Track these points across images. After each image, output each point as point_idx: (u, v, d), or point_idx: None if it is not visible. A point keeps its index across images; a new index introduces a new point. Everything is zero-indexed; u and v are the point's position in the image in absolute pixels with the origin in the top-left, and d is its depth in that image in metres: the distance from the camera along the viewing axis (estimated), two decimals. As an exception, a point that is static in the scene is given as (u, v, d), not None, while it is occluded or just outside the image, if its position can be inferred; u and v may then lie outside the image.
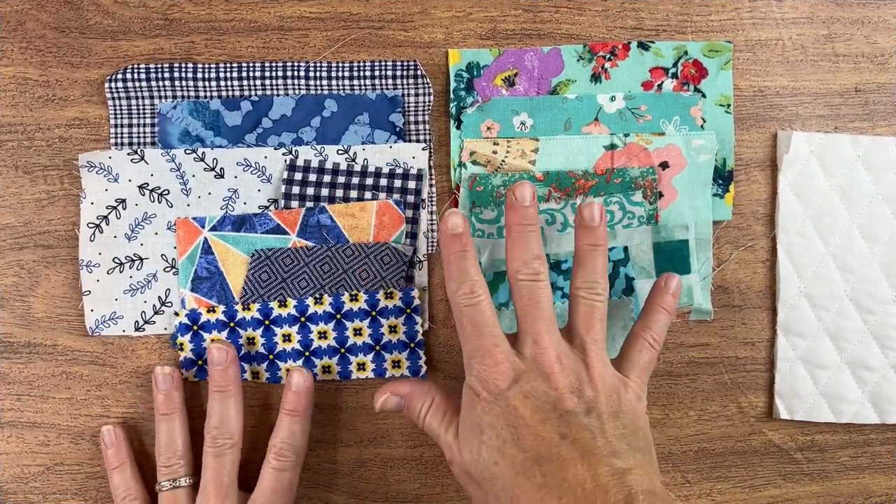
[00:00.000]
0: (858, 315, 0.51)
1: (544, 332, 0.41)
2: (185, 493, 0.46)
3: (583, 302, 0.43)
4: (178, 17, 0.50)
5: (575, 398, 0.40)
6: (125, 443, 0.49)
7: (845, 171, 0.50)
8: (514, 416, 0.39)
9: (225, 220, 0.49)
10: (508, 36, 0.50)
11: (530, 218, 0.43)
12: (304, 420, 0.47)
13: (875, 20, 0.51)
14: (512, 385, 0.40)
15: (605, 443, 0.38)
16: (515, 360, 0.41)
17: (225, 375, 0.47)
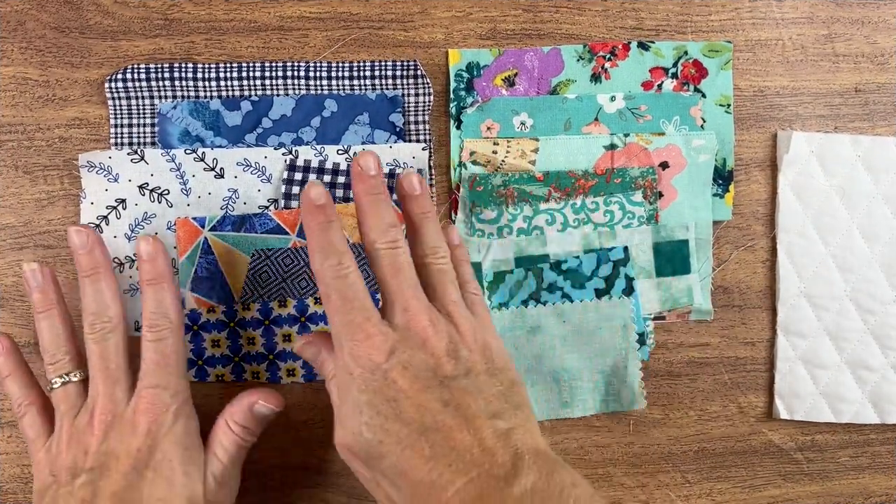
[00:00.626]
0: (858, 315, 0.51)
1: (412, 297, 0.40)
2: (77, 388, 0.44)
3: (431, 268, 0.42)
4: (178, 17, 0.50)
5: (453, 361, 0.39)
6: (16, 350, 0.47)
7: (845, 171, 0.50)
8: (393, 390, 0.38)
9: (225, 220, 0.49)
10: (508, 36, 0.50)
11: (378, 187, 0.42)
12: (167, 286, 0.45)
13: (875, 20, 0.51)
14: (388, 357, 0.38)
15: (486, 404, 0.38)
16: (388, 330, 0.39)
17: (91, 258, 0.45)
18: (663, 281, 0.50)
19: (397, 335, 0.39)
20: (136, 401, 0.43)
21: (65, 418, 0.43)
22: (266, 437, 0.50)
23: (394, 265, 0.41)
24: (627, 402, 0.50)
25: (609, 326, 0.50)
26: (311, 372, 0.50)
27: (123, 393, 0.43)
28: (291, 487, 0.51)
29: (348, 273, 0.40)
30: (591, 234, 0.50)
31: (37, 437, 0.44)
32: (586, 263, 0.50)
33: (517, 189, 0.50)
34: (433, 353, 0.39)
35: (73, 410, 0.44)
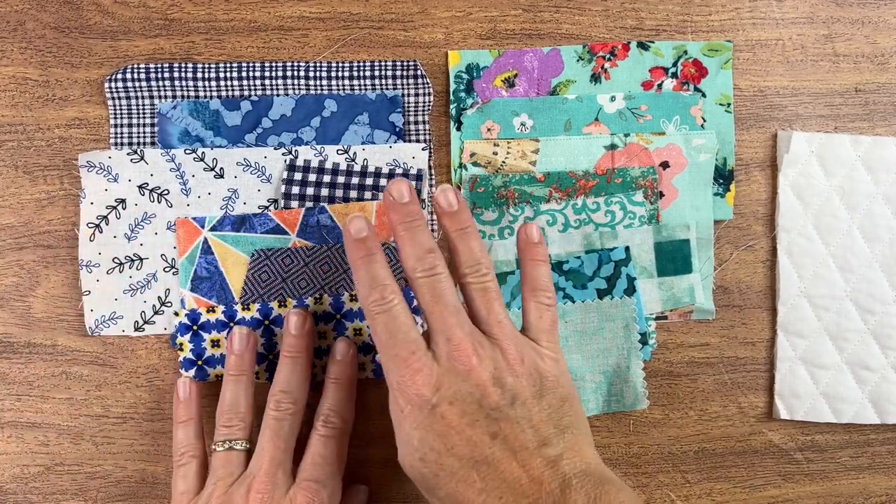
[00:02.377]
0: (858, 315, 0.51)
1: (455, 325, 0.40)
2: (239, 457, 0.45)
3: (474, 287, 0.42)
4: (178, 17, 0.50)
5: (499, 390, 0.39)
6: (197, 399, 0.47)
7: (845, 171, 0.51)
8: (442, 425, 0.38)
9: (225, 220, 0.49)
10: (508, 36, 0.50)
11: (413, 214, 0.42)
12: (349, 388, 0.47)
13: (875, 20, 0.51)
14: (435, 392, 0.39)
15: (533, 433, 0.38)
16: (433, 364, 0.40)
17: (299, 341, 0.46)
18: (665, 281, 0.50)
19: (442, 368, 0.39)
20: (296, 491, 0.43)
21: (219, 483, 0.44)
22: (266, 437, 0.50)
23: (434, 293, 0.41)
24: (630, 402, 0.50)
25: (611, 326, 0.50)
26: (311, 372, 0.50)
27: (285, 477, 0.44)
28: (292, 488, 0.51)
29: (392, 307, 0.41)
30: (593, 234, 0.50)
31: (186, 491, 0.45)
32: (588, 264, 0.50)
33: (518, 190, 0.50)
34: (478, 383, 0.39)
35: (230, 478, 0.44)
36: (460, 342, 0.40)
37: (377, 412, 0.51)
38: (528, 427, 0.39)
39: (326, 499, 0.44)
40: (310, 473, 0.44)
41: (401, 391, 0.39)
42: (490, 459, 0.38)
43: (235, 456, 0.45)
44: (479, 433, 0.38)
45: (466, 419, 0.38)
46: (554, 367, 0.41)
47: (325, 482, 0.44)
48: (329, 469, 0.45)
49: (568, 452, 0.38)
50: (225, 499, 0.43)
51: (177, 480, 0.45)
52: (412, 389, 0.39)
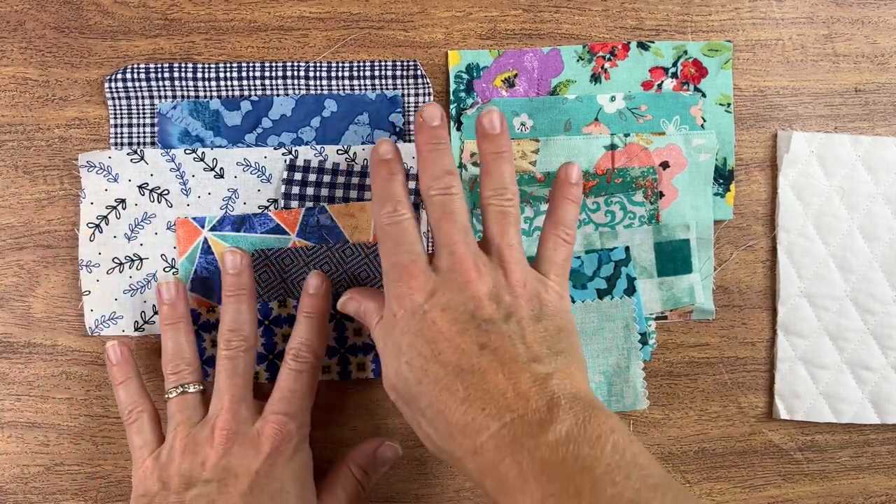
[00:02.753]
0: (858, 315, 0.51)
1: (460, 241, 0.40)
2: (195, 399, 0.45)
3: (493, 209, 0.42)
4: (177, 17, 0.50)
5: (493, 304, 0.39)
6: (131, 359, 0.47)
7: (845, 171, 0.51)
8: (432, 331, 0.38)
9: (225, 220, 0.49)
10: (508, 36, 0.50)
11: (440, 137, 0.42)
12: (321, 322, 0.46)
13: (875, 20, 0.51)
14: (428, 298, 0.39)
15: (525, 349, 0.38)
16: (431, 273, 0.40)
17: (238, 279, 0.46)
18: (665, 280, 0.50)
19: (440, 278, 0.39)
20: (263, 424, 0.43)
21: (180, 427, 0.44)
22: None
23: (445, 210, 0.41)
24: (630, 402, 0.50)
25: (611, 326, 0.50)
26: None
27: (248, 413, 0.44)
28: (292, 488, 0.51)
29: (402, 219, 0.41)
30: (593, 234, 0.50)
31: (144, 445, 0.44)
32: (588, 264, 0.50)
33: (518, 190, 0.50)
34: (474, 295, 0.39)
35: (190, 421, 0.44)
36: (462, 256, 0.40)
37: (378, 412, 0.51)
38: (519, 342, 0.38)
39: (294, 430, 0.44)
40: (278, 407, 0.44)
41: (396, 296, 0.40)
42: (476, 368, 0.37)
43: (191, 398, 0.44)
44: (467, 341, 0.38)
45: (457, 327, 0.38)
46: (556, 299, 0.41)
47: (293, 415, 0.44)
48: (298, 403, 0.44)
49: (559, 374, 0.37)
50: (188, 440, 0.43)
51: (132, 437, 0.45)
52: (406, 295, 0.39)
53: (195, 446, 0.43)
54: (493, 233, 0.41)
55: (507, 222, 0.41)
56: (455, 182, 0.41)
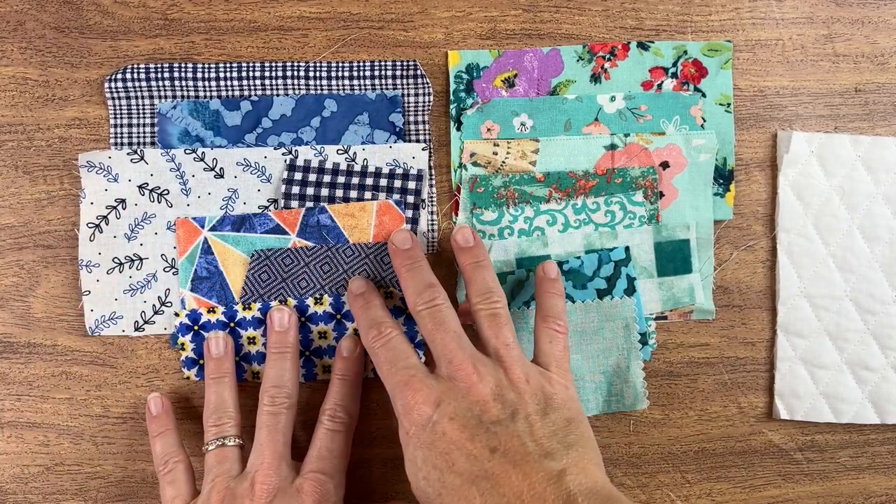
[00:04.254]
0: (858, 315, 0.51)
1: (456, 348, 0.41)
2: (234, 453, 0.45)
3: (483, 313, 0.43)
4: (177, 17, 0.50)
5: (498, 405, 0.39)
6: (171, 412, 0.48)
7: (845, 171, 0.51)
8: (443, 442, 0.39)
9: (225, 220, 0.49)
10: (508, 36, 0.50)
11: (414, 257, 0.45)
12: (355, 385, 0.47)
13: (875, 20, 0.51)
14: (435, 409, 0.39)
15: (535, 446, 0.38)
16: (433, 383, 0.40)
17: (284, 337, 0.47)
18: (665, 280, 0.50)
19: (443, 387, 0.40)
20: (302, 481, 0.44)
21: (218, 479, 0.43)
22: (266, 437, 0.50)
23: (435, 321, 0.42)
24: (630, 402, 0.50)
25: (611, 326, 0.50)
26: (310, 372, 0.50)
27: (288, 469, 0.44)
28: (292, 488, 0.51)
29: (390, 338, 0.43)
30: (593, 234, 0.50)
31: (177, 496, 0.44)
32: (588, 264, 0.50)
33: (518, 190, 0.50)
34: (478, 399, 0.39)
35: (228, 474, 0.44)
36: (461, 362, 0.40)
37: (378, 412, 0.51)
38: (529, 440, 0.38)
39: (332, 490, 0.44)
40: (316, 465, 0.44)
41: (405, 414, 0.40)
42: (490, 474, 0.37)
43: (230, 451, 0.45)
44: (478, 447, 0.38)
45: (466, 433, 0.38)
46: (562, 391, 0.41)
47: (331, 474, 0.44)
48: (335, 462, 0.45)
49: (573, 468, 0.37)
50: (226, 493, 0.43)
51: (165, 488, 0.45)
52: (414, 410, 0.40)
53: (233, 500, 0.42)
54: (487, 335, 0.43)
55: (500, 323, 0.43)
56: (439, 293, 0.43)
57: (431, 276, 0.44)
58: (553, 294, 0.46)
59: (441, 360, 0.41)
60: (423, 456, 0.39)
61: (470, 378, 0.40)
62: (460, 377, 0.40)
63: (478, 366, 0.40)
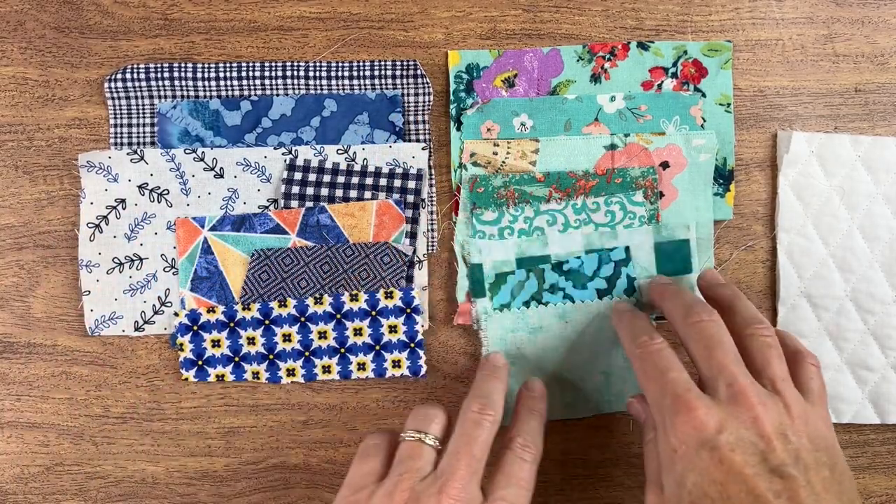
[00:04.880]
0: (858, 315, 0.51)
1: (738, 372, 0.38)
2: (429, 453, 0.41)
3: (757, 340, 0.41)
4: (177, 17, 0.50)
5: (783, 445, 0.37)
6: None
7: (845, 171, 0.50)
8: (720, 472, 0.36)
9: (225, 220, 0.49)
10: (508, 36, 0.50)
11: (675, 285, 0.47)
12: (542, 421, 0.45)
13: (875, 20, 0.51)
14: (716, 435, 0.37)
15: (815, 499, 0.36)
16: (711, 404, 0.38)
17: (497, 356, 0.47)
18: (664, 281, 0.50)
19: (723, 411, 0.38)
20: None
21: (406, 475, 0.40)
22: (266, 436, 0.50)
23: (711, 338, 0.40)
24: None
25: (611, 326, 0.50)
26: (310, 372, 0.50)
27: (477, 490, 0.40)
28: (291, 487, 0.51)
29: (661, 347, 0.41)
30: (593, 234, 0.50)
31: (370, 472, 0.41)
32: (588, 264, 0.50)
33: (518, 190, 0.50)
34: (762, 434, 0.37)
35: (418, 474, 0.40)
36: (744, 388, 0.38)
37: (379, 412, 0.51)
38: (811, 493, 0.36)
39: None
40: (506, 492, 0.40)
41: (674, 430, 0.38)
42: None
43: (427, 451, 0.41)
44: (762, 487, 0.36)
45: (748, 470, 0.36)
46: (830, 434, 0.39)
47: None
48: (523, 494, 0.41)
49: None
50: (411, 495, 0.39)
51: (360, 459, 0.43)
52: (689, 429, 0.37)
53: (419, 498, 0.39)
54: (761, 363, 0.40)
55: (773, 354, 0.40)
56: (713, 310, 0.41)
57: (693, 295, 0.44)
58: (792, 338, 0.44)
59: (718, 380, 0.39)
60: (693, 480, 0.37)
61: (755, 408, 0.37)
62: (744, 404, 0.37)
63: (760, 395, 0.38)
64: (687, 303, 0.42)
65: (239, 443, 0.51)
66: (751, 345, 0.41)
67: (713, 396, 0.38)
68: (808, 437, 0.38)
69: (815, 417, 0.39)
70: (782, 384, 0.39)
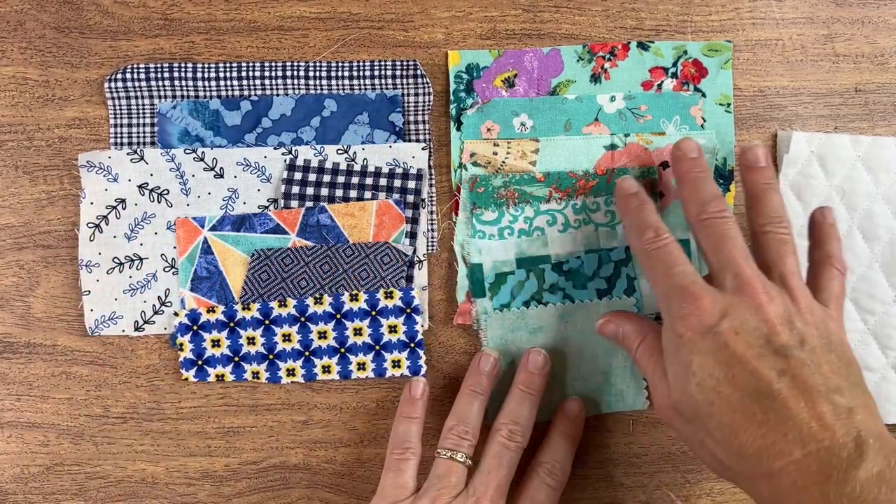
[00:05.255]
0: (858, 315, 0.51)
1: (744, 264, 0.39)
2: (461, 471, 0.45)
3: (772, 236, 0.41)
4: (177, 17, 0.50)
5: (787, 330, 0.38)
6: (427, 400, 0.48)
7: (845, 171, 0.50)
8: (725, 354, 0.37)
9: (225, 219, 0.49)
10: (508, 36, 0.50)
11: (700, 166, 0.44)
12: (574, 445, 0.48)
13: (875, 20, 0.51)
14: (719, 320, 0.38)
15: (823, 379, 0.36)
16: (716, 293, 0.39)
17: (534, 380, 0.47)
18: (664, 281, 0.50)
19: (728, 299, 0.39)
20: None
21: (443, 491, 0.44)
22: (266, 436, 0.50)
23: (721, 233, 0.41)
24: (630, 402, 0.50)
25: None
26: (310, 372, 0.50)
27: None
28: (291, 487, 0.51)
29: (667, 242, 0.41)
30: (593, 234, 0.50)
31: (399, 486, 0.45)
32: (588, 264, 0.50)
33: (518, 190, 0.50)
34: (766, 319, 0.38)
35: (453, 490, 0.44)
36: (750, 278, 0.39)
37: (378, 412, 0.51)
38: (816, 371, 0.37)
39: None
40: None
41: (681, 319, 0.39)
42: (776, 394, 0.36)
43: (459, 468, 0.45)
44: (765, 367, 0.37)
45: (752, 351, 0.37)
46: (841, 332, 0.40)
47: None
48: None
49: (861, 409, 0.36)
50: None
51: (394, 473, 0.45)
52: (694, 315, 0.39)
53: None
54: (773, 259, 0.41)
55: (788, 250, 0.41)
56: (725, 206, 0.42)
57: (717, 188, 0.43)
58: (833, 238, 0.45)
59: (726, 272, 0.40)
60: (699, 362, 0.38)
61: (759, 297, 0.38)
62: (749, 293, 0.39)
63: (766, 286, 0.39)
64: (704, 197, 0.42)
65: (239, 443, 0.51)
66: (766, 241, 0.42)
67: (720, 288, 0.40)
68: (815, 326, 0.39)
69: (823, 313, 0.40)
70: (791, 277, 0.40)
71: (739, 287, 0.39)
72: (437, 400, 0.51)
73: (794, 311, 0.39)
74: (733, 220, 0.41)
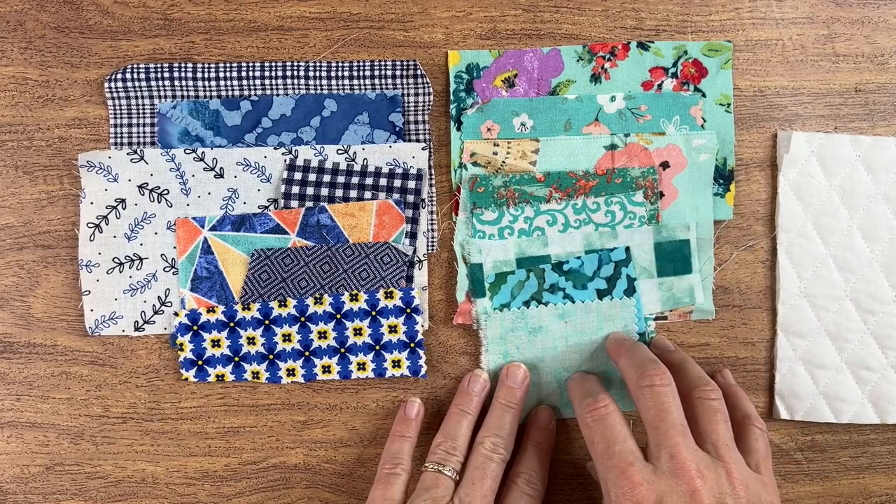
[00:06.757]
0: (858, 315, 0.51)
1: (681, 444, 0.40)
2: (448, 483, 0.45)
3: (700, 403, 0.43)
4: (177, 17, 0.50)
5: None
6: (421, 421, 0.49)
7: (845, 171, 0.50)
8: None
9: (225, 219, 0.49)
10: (508, 36, 0.50)
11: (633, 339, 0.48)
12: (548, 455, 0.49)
13: (875, 20, 0.51)
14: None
15: None
16: (653, 479, 0.39)
17: (514, 394, 0.48)
18: (665, 281, 0.50)
19: (663, 484, 0.39)
20: None
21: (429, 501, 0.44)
22: (266, 436, 0.50)
23: (660, 407, 0.41)
24: (630, 402, 0.50)
25: (611, 327, 0.50)
26: (310, 372, 0.50)
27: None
28: (291, 487, 0.51)
29: (607, 414, 0.43)
30: (593, 234, 0.50)
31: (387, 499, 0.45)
32: (588, 264, 0.50)
33: (518, 190, 0.50)
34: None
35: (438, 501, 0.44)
36: (685, 461, 0.39)
37: (378, 412, 0.51)
38: None
39: None
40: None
41: (619, 498, 0.39)
42: None
43: (445, 481, 0.45)
44: None
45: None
46: (774, 497, 0.41)
47: None
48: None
49: None
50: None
51: (378, 485, 0.46)
52: (631, 499, 0.39)
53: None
54: (707, 429, 0.42)
55: (719, 419, 0.42)
56: (664, 370, 0.42)
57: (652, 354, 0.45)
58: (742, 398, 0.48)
59: (662, 450, 0.40)
60: None
61: (694, 482, 0.39)
62: (683, 477, 0.39)
63: (700, 467, 0.39)
64: (640, 362, 0.44)
65: (239, 443, 0.51)
66: (697, 408, 0.43)
67: (656, 465, 0.40)
68: (747, 500, 0.39)
69: (756, 484, 0.41)
70: (725, 450, 0.41)
71: (674, 470, 0.39)
72: (437, 400, 0.51)
73: (729, 490, 0.40)
74: (672, 389, 0.42)
